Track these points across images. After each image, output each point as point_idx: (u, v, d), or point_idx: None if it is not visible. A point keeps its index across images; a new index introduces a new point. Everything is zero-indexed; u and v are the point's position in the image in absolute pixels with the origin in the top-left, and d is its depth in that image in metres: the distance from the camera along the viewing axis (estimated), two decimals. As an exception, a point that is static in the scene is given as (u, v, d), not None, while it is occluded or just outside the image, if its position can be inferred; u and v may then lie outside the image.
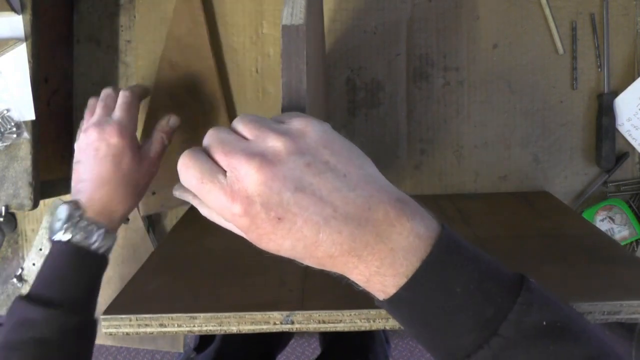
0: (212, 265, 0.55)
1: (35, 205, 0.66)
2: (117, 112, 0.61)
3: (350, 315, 0.45)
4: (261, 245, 0.33)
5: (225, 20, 0.75)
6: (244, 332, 0.46)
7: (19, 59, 0.64)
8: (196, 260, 0.57)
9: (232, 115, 0.75)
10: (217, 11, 0.75)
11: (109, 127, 0.59)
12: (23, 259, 0.77)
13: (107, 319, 0.45)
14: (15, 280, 0.76)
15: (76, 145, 0.62)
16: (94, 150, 0.59)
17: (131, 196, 0.61)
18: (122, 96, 0.63)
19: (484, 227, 0.67)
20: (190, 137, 0.74)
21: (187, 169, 0.33)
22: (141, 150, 0.63)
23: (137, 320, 0.45)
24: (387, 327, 0.45)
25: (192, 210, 0.72)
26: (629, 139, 0.74)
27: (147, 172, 0.63)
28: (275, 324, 0.45)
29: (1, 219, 0.66)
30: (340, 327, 0.46)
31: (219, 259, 0.56)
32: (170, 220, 0.77)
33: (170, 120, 0.66)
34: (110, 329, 0.45)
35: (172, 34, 0.73)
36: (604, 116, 0.73)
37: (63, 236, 0.55)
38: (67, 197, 0.76)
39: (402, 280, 0.31)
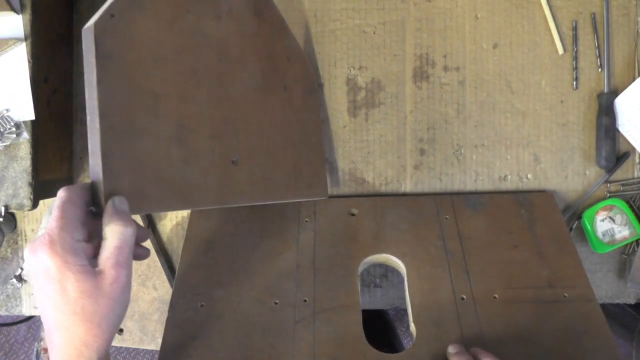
0: None
1: (34, 205, 0.66)
2: (50, 222, 0.45)
3: None
4: None
5: None
6: None
7: (19, 59, 0.64)
8: None
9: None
10: None
11: (37, 241, 0.44)
12: (23, 259, 0.77)
13: None
14: (14, 280, 0.77)
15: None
16: (34, 278, 0.46)
17: (101, 331, 0.45)
18: (56, 198, 0.47)
19: (473, 230, 0.68)
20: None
21: None
22: (96, 270, 0.45)
23: None
24: None
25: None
26: (630, 138, 0.74)
27: (111, 301, 0.45)
28: None
29: (1, 219, 0.66)
30: None
31: None
32: (170, 220, 0.77)
33: (116, 201, 0.47)
34: None
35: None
36: (605, 116, 0.73)
37: None
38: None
39: None
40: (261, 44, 0.65)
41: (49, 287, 0.44)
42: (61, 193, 0.47)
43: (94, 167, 0.47)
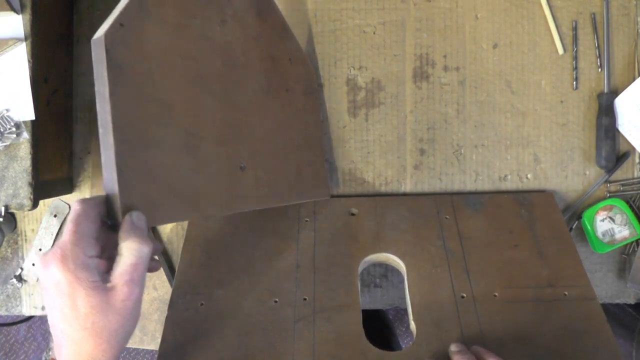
0: None
1: (34, 205, 0.66)
2: (63, 235, 0.45)
3: None
4: None
5: None
6: None
7: (19, 59, 0.64)
8: None
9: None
10: None
11: (49, 255, 0.44)
12: (23, 259, 0.77)
13: None
14: (14, 280, 0.76)
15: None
16: (45, 290, 0.45)
17: (110, 347, 0.45)
18: (70, 211, 0.47)
19: (473, 230, 0.68)
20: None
21: None
22: (108, 286, 0.45)
23: None
24: None
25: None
26: (629, 138, 0.74)
27: (121, 317, 0.45)
28: None
29: (1, 219, 0.66)
30: None
31: None
32: (170, 220, 0.77)
33: (133, 217, 0.47)
34: None
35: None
36: (604, 116, 0.73)
37: None
38: (66, 197, 0.76)
39: None
40: (263, 45, 0.65)
41: (59, 300, 0.44)
42: (76, 206, 0.46)
43: (109, 181, 0.47)
